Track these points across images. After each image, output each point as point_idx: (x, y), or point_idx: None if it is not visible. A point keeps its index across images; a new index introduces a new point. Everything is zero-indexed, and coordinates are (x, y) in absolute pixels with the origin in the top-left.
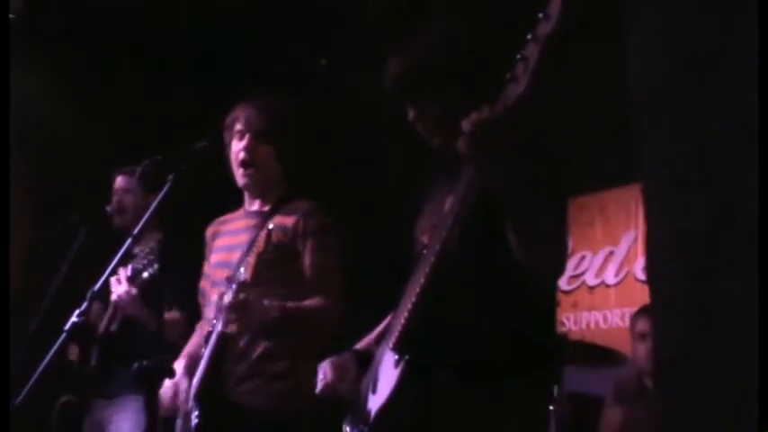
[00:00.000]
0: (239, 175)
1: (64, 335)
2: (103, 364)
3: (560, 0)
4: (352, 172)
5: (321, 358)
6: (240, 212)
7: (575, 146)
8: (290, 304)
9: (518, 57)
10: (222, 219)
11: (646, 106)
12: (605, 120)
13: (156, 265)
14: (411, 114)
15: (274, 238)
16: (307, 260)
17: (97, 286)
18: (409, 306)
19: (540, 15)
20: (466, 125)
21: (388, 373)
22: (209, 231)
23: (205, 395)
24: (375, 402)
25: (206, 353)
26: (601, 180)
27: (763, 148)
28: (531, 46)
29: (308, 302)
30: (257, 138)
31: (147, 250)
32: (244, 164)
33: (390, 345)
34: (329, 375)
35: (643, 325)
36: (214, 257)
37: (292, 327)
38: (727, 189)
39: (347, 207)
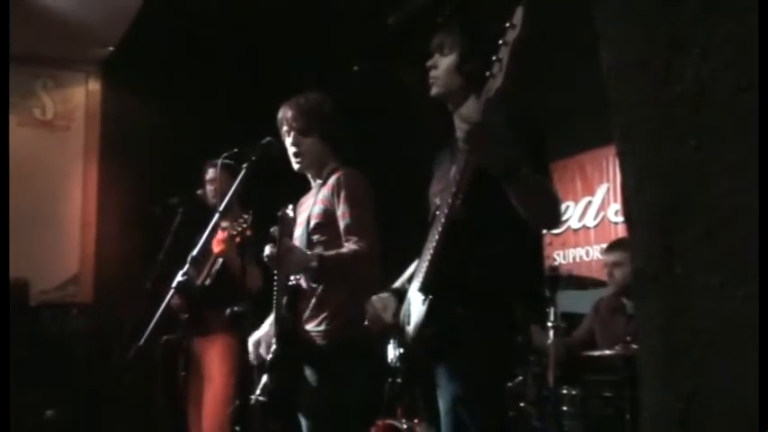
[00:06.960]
0: (294, 164)
1: (172, 290)
2: (199, 309)
3: (522, 11)
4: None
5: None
6: (311, 191)
7: (557, 119)
8: (326, 253)
9: (494, 58)
10: (303, 198)
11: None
12: (581, 96)
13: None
14: (435, 57)
15: (320, 203)
16: (339, 211)
17: (195, 252)
18: (429, 257)
19: (507, 24)
20: (463, 126)
21: (417, 309)
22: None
23: (280, 334)
24: (409, 331)
25: (275, 300)
26: (578, 144)
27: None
28: (503, 49)
29: (343, 249)
30: (300, 133)
31: (246, 216)
32: (295, 155)
33: (417, 286)
34: (375, 310)
35: (612, 257)
36: (297, 230)
37: (331, 271)
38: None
39: (383, 176)
